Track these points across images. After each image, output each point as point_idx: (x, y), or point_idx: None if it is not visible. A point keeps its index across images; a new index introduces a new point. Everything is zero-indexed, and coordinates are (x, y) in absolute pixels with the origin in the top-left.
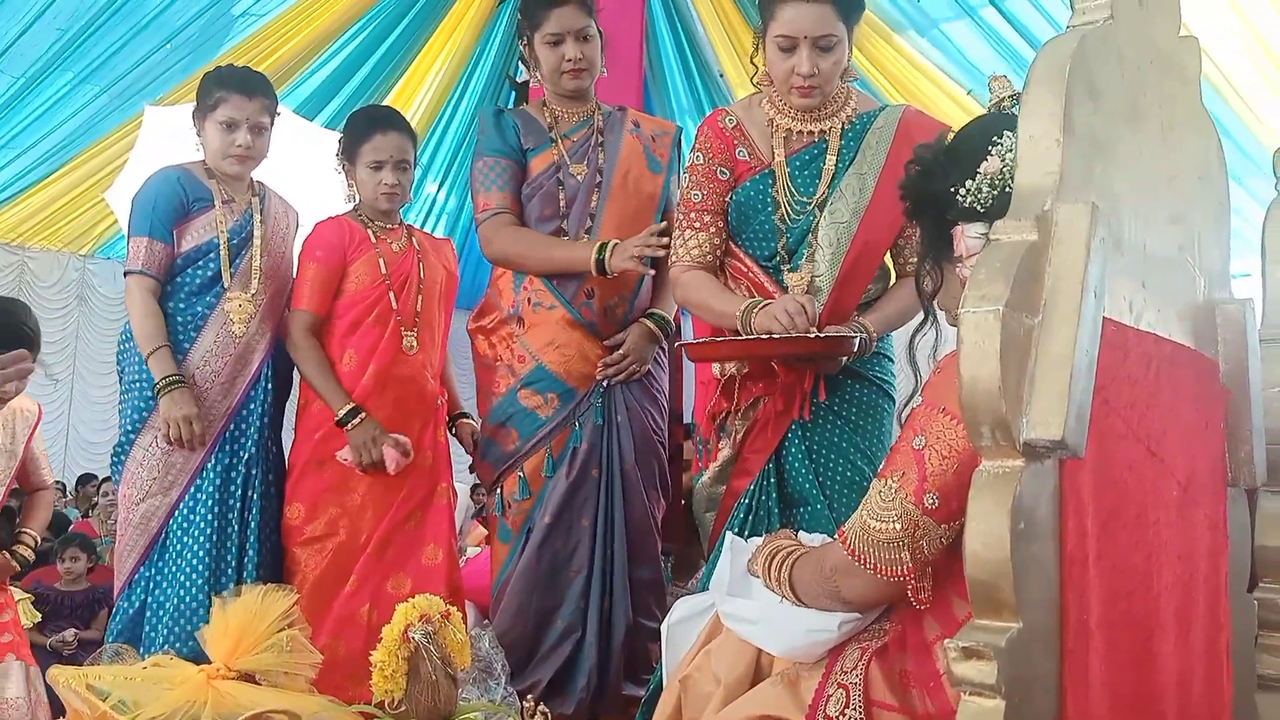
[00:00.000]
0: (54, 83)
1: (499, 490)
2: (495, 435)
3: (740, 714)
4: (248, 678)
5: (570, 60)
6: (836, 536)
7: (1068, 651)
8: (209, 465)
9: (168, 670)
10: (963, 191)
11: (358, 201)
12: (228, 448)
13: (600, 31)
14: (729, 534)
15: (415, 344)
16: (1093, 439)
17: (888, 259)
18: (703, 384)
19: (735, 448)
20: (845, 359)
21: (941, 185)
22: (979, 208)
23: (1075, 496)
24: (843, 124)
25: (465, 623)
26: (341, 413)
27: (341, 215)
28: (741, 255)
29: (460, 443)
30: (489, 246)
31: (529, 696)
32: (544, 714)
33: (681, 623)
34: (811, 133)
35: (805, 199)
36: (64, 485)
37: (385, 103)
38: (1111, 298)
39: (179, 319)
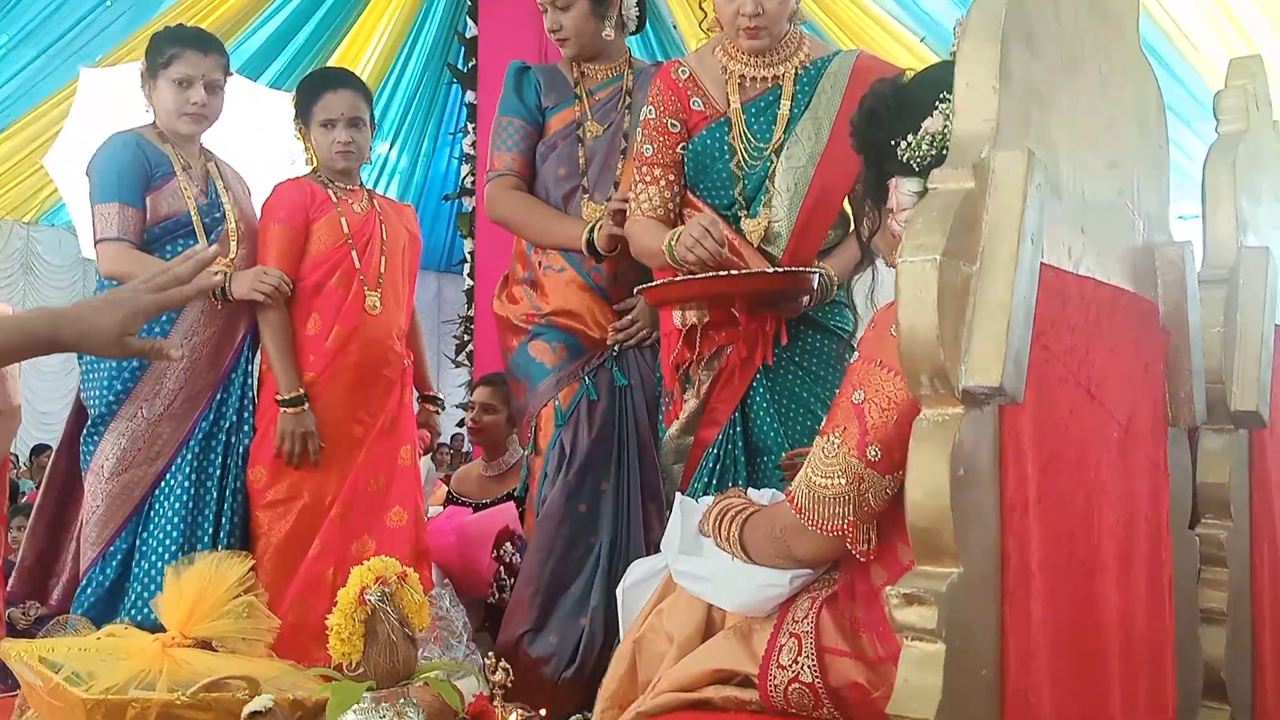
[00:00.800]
0: None
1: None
2: (515, 390)
3: (694, 669)
4: (205, 645)
5: (551, 30)
6: (785, 496)
7: (1008, 594)
8: (194, 434)
9: (122, 640)
10: (903, 146)
11: (316, 165)
12: (211, 416)
13: None
14: (679, 495)
15: (379, 304)
16: (1032, 384)
17: (847, 206)
18: (665, 335)
19: (701, 398)
20: (807, 301)
21: (884, 134)
22: (915, 165)
23: (1015, 442)
24: (796, 69)
25: (430, 584)
26: (287, 395)
27: (301, 177)
28: (700, 205)
29: (424, 425)
30: (491, 208)
31: (546, 667)
32: (505, 670)
33: (636, 585)
34: (765, 79)
35: (761, 144)
36: (17, 457)
37: (331, 62)
38: (1050, 244)
39: None
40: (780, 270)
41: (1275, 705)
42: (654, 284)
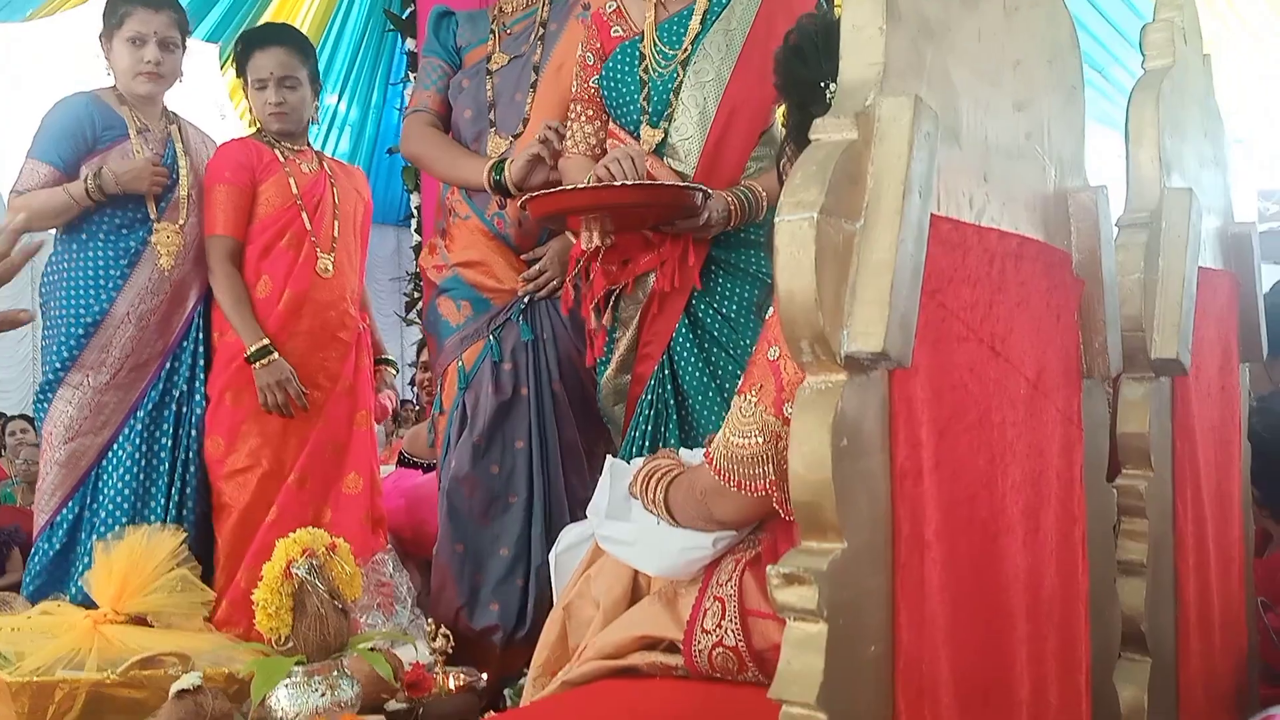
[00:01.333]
0: None
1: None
2: (430, 347)
3: (619, 636)
4: (140, 621)
5: None
6: (704, 458)
7: (900, 565)
8: (142, 404)
9: (54, 618)
10: (832, 88)
11: (258, 125)
12: (160, 385)
13: None
14: (609, 458)
15: (331, 267)
16: (927, 343)
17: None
18: (571, 258)
19: (634, 332)
20: (711, 223)
21: (812, 73)
22: None
23: (906, 406)
24: None
25: (383, 548)
26: (252, 349)
27: (247, 136)
28: (621, 135)
29: (382, 389)
30: (404, 144)
31: (495, 635)
32: (445, 636)
33: (568, 550)
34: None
35: (671, 52)
36: None
37: (268, 14)
38: (948, 194)
39: (106, 258)
40: (663, 184)
41: (1200, 653)
42: (533, 194)
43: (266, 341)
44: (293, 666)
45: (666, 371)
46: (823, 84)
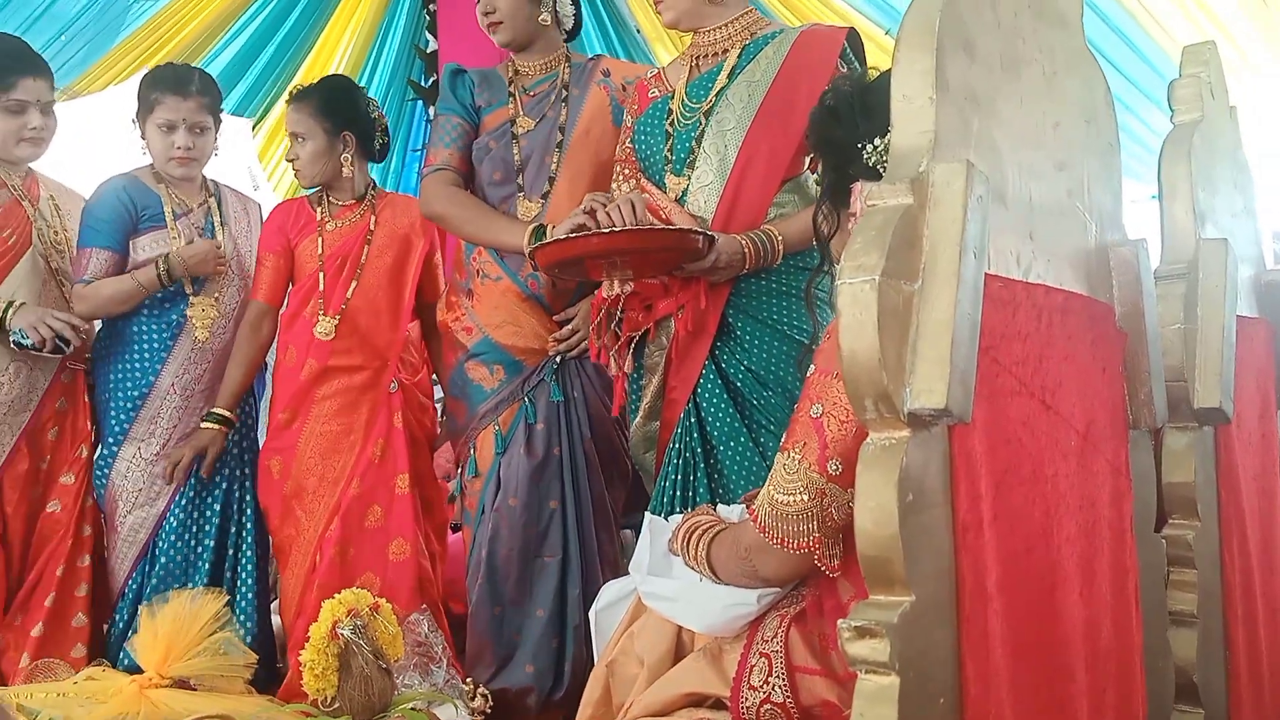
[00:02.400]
0: None
1: (460, 472)
2: (452, 410)
3: (666, 694)
4: (183, 684)
5: (484, 16)
6: (748, 515)
7: (965, 618)
8: (192, 473)
9: (100, 683)
10: (869, 149)
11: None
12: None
13: None
14: (648, 514)
15: (332, 330)
16: (983, 399)
17: (812, 184)
18: (594, 305)
19: (660, 378)
20: (721, 265)
21: (848, 134)
22: (882, 170)
23: (966, 461)
24: (741, 43)
25: (441, 615)
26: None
27: (300, 197)
28: (650, 188)
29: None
30: (425, 204)
31: (530, 697)
32: (484, 696)
33: (608, 607)
34: (710, 56)
35: (695, 104)
36: None
37: (294, 82)
38: (997, 253)
39: (149, 331)
40: (660, 228)
41: (1251, 704)
42: (541, 244)
43: (227, 414)
44: None
45: (693, 420)
46: (859, 145)
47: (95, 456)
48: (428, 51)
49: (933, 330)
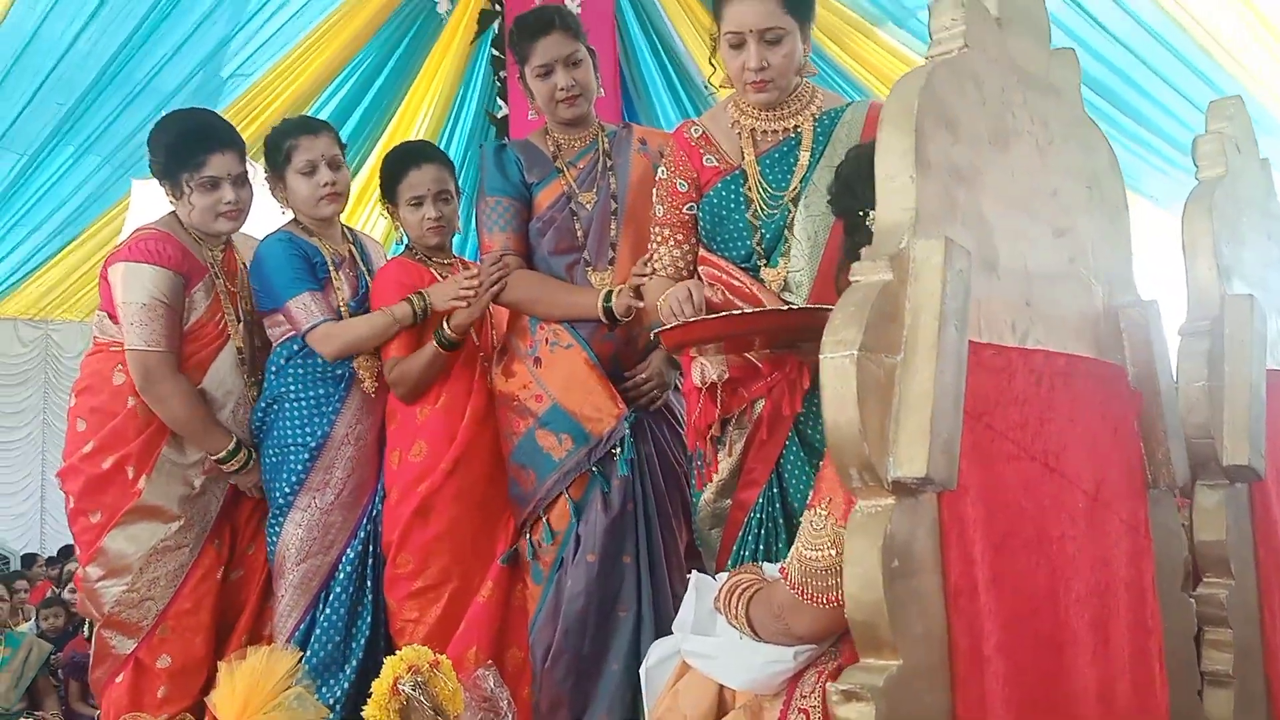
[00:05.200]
0: (57, 157)
1: (528, 533)
2: (517, 476)
3: None
4: None
5: (563, 89)
6: (779, 574)
7: (959, 681)
8: (362, 524)
9: None
10: (871, 218)
11: (407, 242)
12: (378, 504)
13: (592, 51)
14: (695, 572)
15: (492, 378)
16: (976, 464)
17: None
18: (686, 395)
19: (736, 458)
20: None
21: (856, 203)
22: None
23: (958, 526)
24: (812, 119)
25: (533, 661)
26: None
27: (400, 257)
28: (715, 260)
29: None
30: (503, 292)
31: None
32: None
33: (659, 664)
34: (779, 131)
35: (779, 193)
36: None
37: (377, 148)
38: (989, 322)
39: (326, 381)
40: (796, 308)
41: None
42: (669, 327)
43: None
44: None
45: (775, 490)
46: (861, 212)
47: (270, 509)
48: (498, 116)
49: (914, 400)
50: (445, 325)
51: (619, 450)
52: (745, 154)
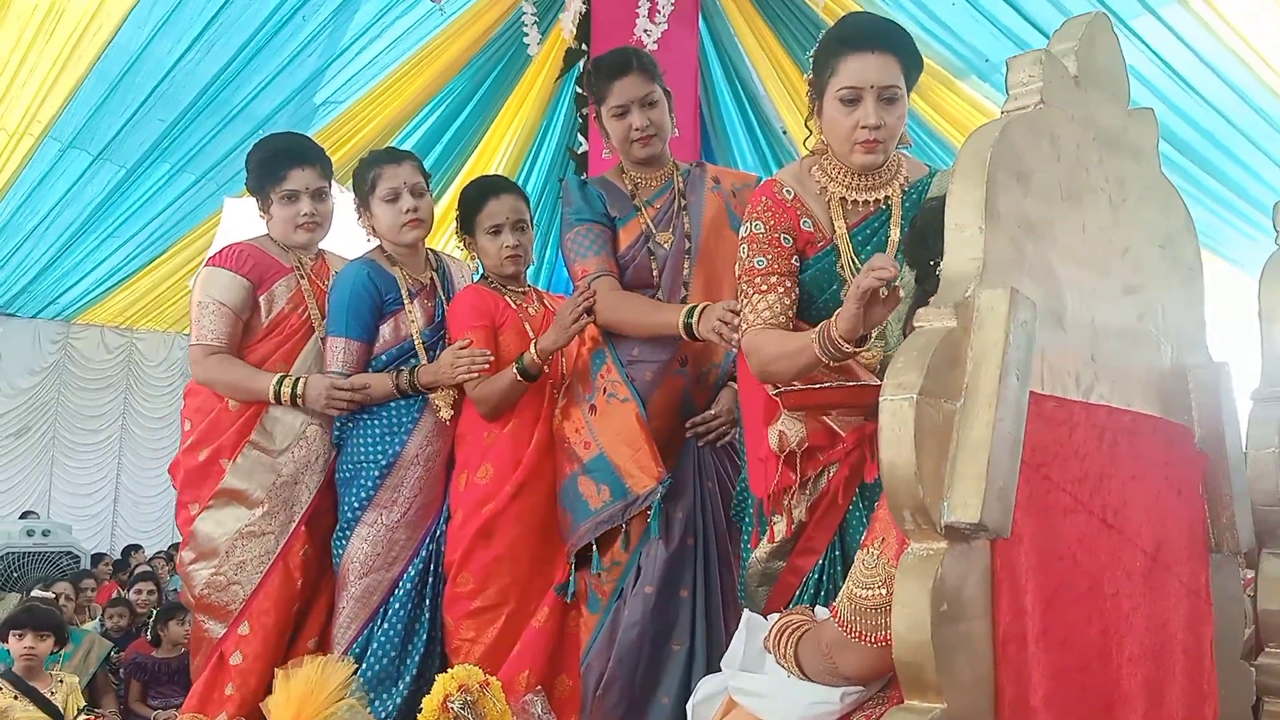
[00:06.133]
0: (154, 172)
1: (573, 560)
2: (560, 518)
3: None
4: None
5: (638, 129)
6: (829, 614)
7: None
8: (424, 544)
9: None
10: (940, 267)
11: (481, 272)
12: (442, 525)
13: (668, 92)
14: (746, 611)
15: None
16: (1034, 515)
17: None
18: (760, 460)
19: (797, 524)
20: None
21: (927, 254)
22: None
23: (1010, 575)
24: (901, 190)
25: (584, 689)
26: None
27: (476, 284)
28: (799, 322)
29: None
30: (601, 313)
31: None
32: None
33: (705, 701)
34: (869, 202)
35: None
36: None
37: (459, 179)
38: (1053, 374)
39: (400, 404)
40: None
41: None
42: (796, 389)
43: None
44: None
45: (837, 553)
46: (931, 263)
47: (337, 525)
48: (579, 152)
49: (971, 447)
50: (532, 350)
51: (651, 513)
52: (836, 226)
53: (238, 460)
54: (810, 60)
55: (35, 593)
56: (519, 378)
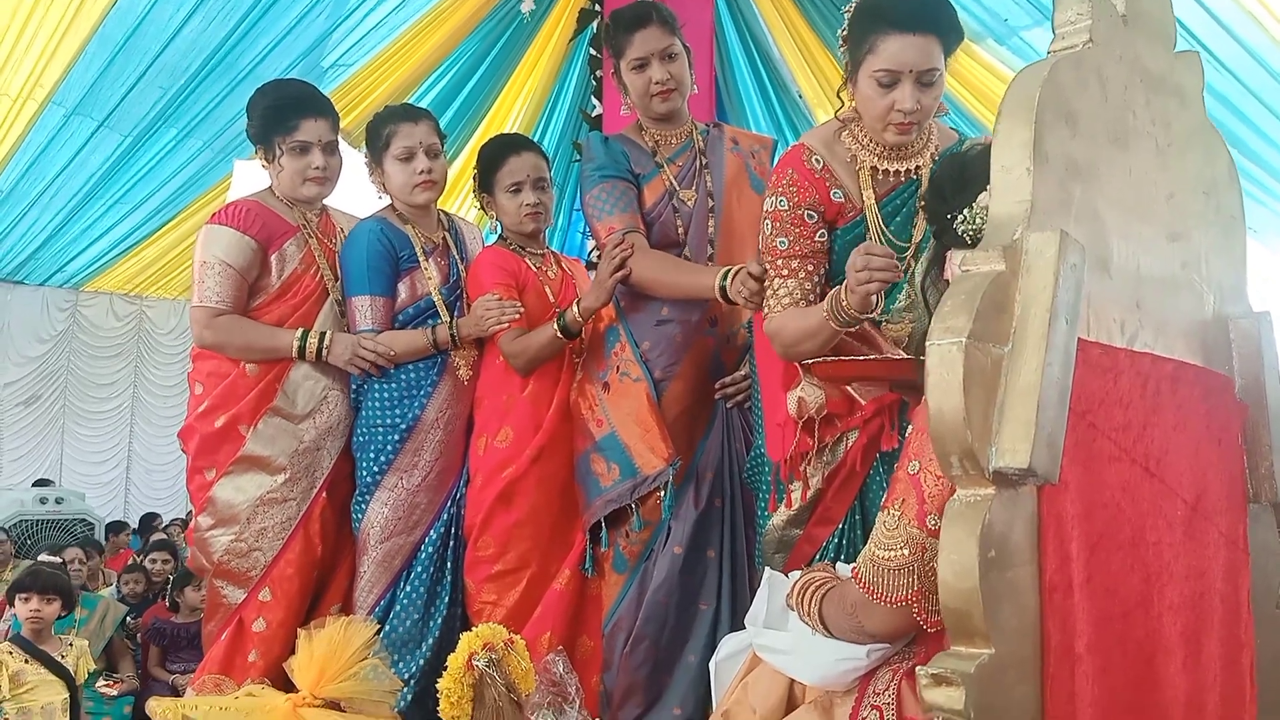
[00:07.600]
0: (159, 139)
1: (592, 538)
2: (578, 489)
3: None
4: (334, 705)
5: (658, 83)
6: (851, 574)
7: (1049, 676)
8: (445, 507)
9: (257, 699)
10: (958, 220)
11: (500, 231)
12: (461, 489)
13: (688, 48)
14: (768, 569)
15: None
16: (1079, 462)
17: None
18: (778, 425)
19: (814, 492)
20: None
21: (945, 207)
22: (968, 239)
23: (1056, 522)
24: (932, 160)
25: (609, 648)
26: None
27: (494, 244)
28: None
29: None
30: (633, 271)
31: None
32: None
33: (728, 658)
34: (899, 172)
35: (903, 244)
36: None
37: (471, 142)
38: (1099, 320)
39: (419, 367)
40: None
41: None
42: (828, 360)
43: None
44: None
45: (857, 517)
46: (949, 216)
47: (355, 489)
48: (592, 115)
49: (1020, 392)
50: (575, 308)
51: (663, 493)
52: (865, 196)
53: (258, 427)
54: (845, 29)
55: (42, 557)
56: (559, 334)
